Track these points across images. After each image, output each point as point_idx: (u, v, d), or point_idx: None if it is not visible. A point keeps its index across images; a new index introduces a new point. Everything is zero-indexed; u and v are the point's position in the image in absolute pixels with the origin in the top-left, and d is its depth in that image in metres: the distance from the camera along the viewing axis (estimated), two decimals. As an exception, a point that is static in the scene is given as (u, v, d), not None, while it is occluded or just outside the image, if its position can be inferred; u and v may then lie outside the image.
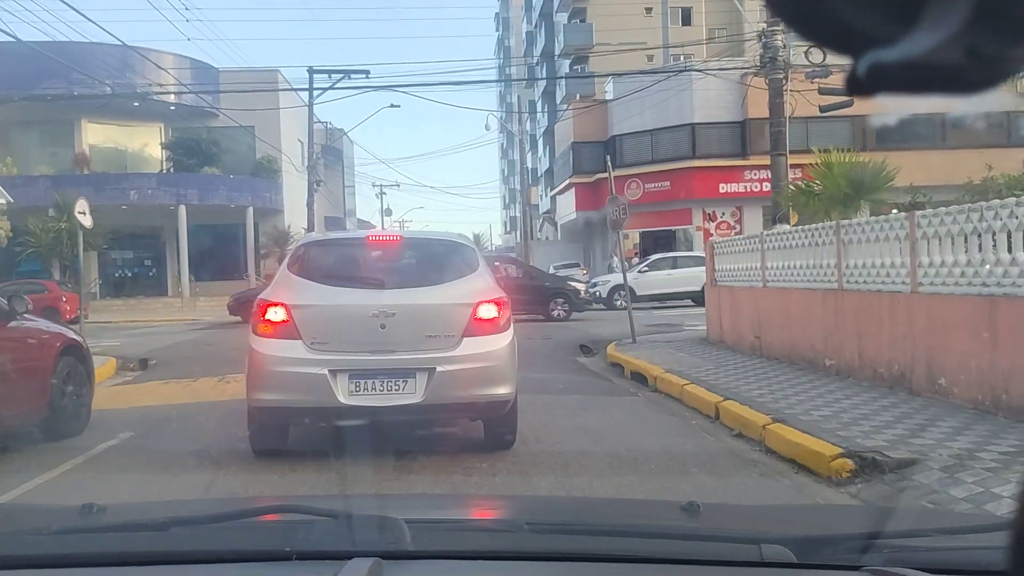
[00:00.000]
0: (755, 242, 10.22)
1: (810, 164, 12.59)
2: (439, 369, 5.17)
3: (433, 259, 5.91)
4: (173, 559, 1.46)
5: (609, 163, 12.90)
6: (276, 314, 5.31)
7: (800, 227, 9.12)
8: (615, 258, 30.50)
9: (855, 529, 1.59)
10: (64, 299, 24.42)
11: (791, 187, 12.26)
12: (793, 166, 28.29)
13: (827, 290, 8.23)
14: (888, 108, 0.47)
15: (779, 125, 13.76)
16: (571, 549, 1.50)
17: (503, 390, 5.37)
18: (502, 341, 5.42)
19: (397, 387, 5.19)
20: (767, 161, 29.40)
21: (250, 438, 5.54)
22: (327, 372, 5.13)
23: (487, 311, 5.39)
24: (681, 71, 27.47)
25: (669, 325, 16.24)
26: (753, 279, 10.26)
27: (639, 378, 9.63)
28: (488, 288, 5.57)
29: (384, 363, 5.19)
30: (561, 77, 46.05)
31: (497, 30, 76.67)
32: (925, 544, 1.49)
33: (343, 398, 5.14)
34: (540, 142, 53.95)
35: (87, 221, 11.91)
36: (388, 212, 62.47)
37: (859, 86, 0.43)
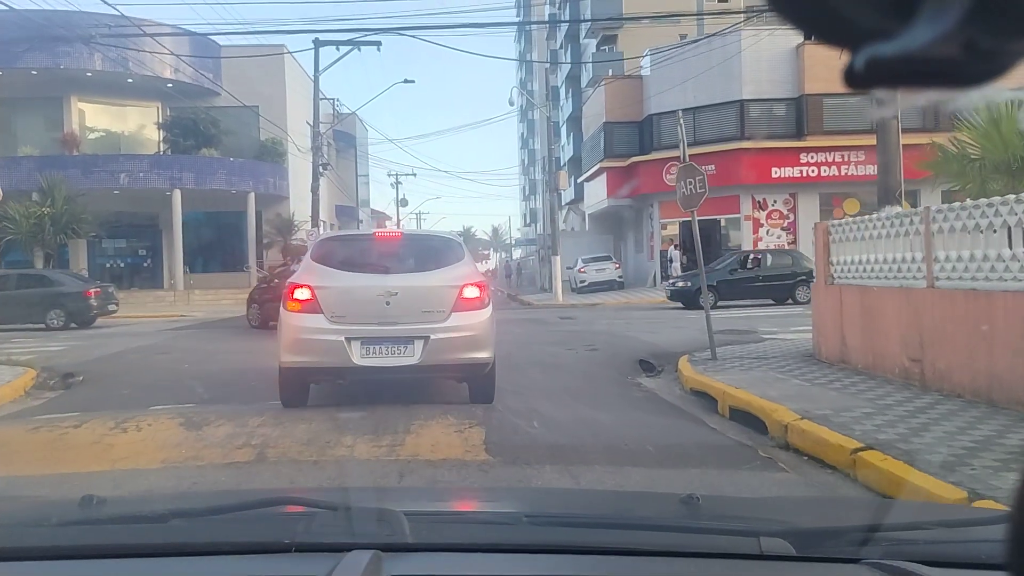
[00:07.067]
0: (910, 222, 7.09)
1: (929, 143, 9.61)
2: (432, 337, 6.61)
3: (428, 251, 7.25)
4: (172, 551, 1.45)
5: (681, 123, 9.78)
6: (303, 294, 6.68)
7: (1008, 196, 5.97)
8: (673, 248, 27.35)
9: (854, 522, 1.55)
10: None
11: (939, 151, 9.05)
12: (855, 148, 25.22)
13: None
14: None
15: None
16: (570, 541, 1.48)
17: (484, 354, 6.80)
18: (482, 316, 6.84)
19: (399, 351, 6.63)
20: (826, 142, 26.46)
21: (280, 396, 6.92)
22: (343, 339, 6.57)
23: (470, 292, 6.78)
24: (735, 22, 24.13)
25: (739, 332, 13.12)
26: (907, 275, 7.13)
27: (742, 417, 6.59)
28: (471, 273, 7.07)
29: (389, 332, 6.63)
30: (588, 21, 42.79)
31: (518, 15, 73.48)
32: (924, 537, 1.45)
33: (356, 360, 6.60)
34: (564, 129, 50.71)
35: (-10, 194, 8.96)
36: (404, 202, 59.86)
37: (857, 79, 0.43)
